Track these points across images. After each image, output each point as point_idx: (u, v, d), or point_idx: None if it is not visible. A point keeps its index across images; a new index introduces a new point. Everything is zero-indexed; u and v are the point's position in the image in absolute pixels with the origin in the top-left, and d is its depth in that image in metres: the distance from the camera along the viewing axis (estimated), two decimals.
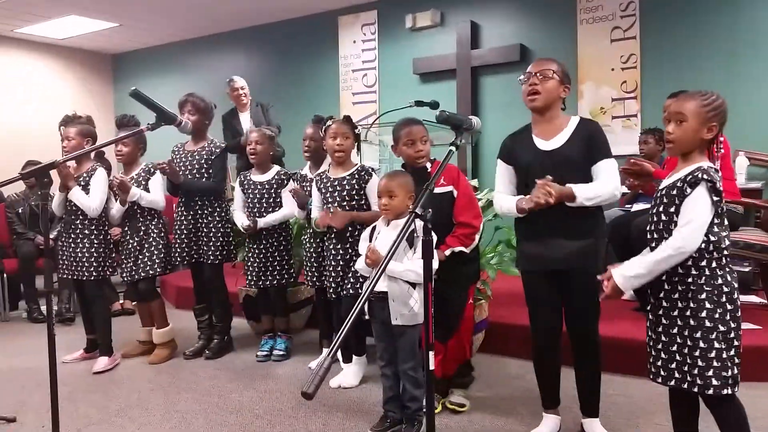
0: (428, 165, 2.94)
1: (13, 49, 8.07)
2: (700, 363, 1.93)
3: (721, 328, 1.92)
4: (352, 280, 3.17)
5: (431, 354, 1.77)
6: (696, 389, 1.95)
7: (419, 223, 1.82)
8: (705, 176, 1.91)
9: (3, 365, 3.98)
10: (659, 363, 2.04)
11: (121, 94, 9.07)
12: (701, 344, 1.93)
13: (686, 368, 1.97)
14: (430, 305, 1.72)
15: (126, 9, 6.86)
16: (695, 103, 1.98)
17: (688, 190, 1.93)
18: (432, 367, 1.77)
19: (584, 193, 2.37)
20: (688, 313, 1.96)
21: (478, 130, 2.14)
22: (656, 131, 4.48)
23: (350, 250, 3.22)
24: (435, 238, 2.59)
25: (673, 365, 2.00)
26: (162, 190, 3.94)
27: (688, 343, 1.96)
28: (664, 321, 2.03)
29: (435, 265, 2.49)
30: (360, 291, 3.05)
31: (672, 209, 1.97)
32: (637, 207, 4.12)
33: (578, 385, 2.63)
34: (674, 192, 1.97)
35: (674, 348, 2.00)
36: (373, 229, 2.79)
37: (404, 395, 2.71)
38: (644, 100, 5.34)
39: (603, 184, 2.41)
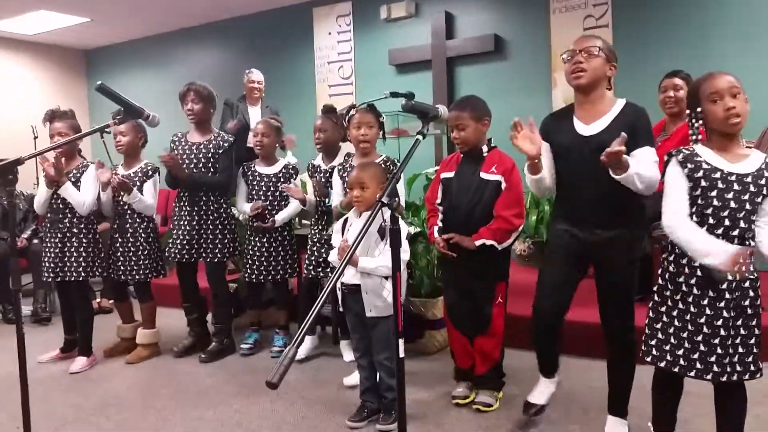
0: (485, 149, 2.85)
1: None
2: (754, 350, 1.97)
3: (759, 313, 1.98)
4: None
5: (401, 342, 1.77)
6: (747, 377, 1.97)
7: (387, 213, 1.81)
8: None
9: None
10: (712, 359, 1.96)
11: (94, 91, 8.92)
12: (756, 331, 1.97)
13: (736, 359, 1.96)
14: (399, 295, 1.72)
15: (97, 3, 6.76)
16: (732, 76, 1.96)
17: None
18: (402, 354, 1.77)
19: (636, 168, 2.18)
20: (747, 302, 1.97)
21: (445, 118, 2.14)
22: None
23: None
24: (404, 226, 2.60)
25: (736, 359, 1.97)
26: (155, 194, 3.81)
27: (741, 332, 1.96)
28: (725, 314, 1.96)
29: (404, 255, 2.50)
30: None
31: (759, 199, 1.92)
32: None
33: (609, 378, 2.54)
34: (763, 181, 1.93)
35: (736, 341, 1.96)
36: (346, 220, 2.79)
37: (381, 385, 2.73)
38: (617, 86, 5.35)
39: (649, 169, 2.24)
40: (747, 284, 1.95)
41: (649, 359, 2.11)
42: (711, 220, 1.96)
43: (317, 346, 3.90)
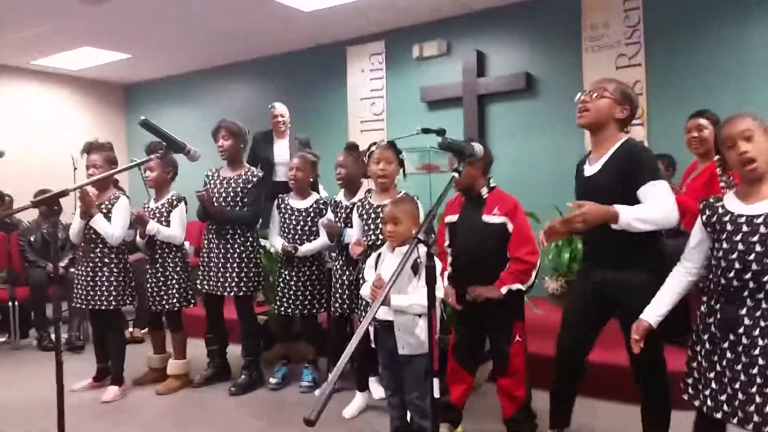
0: (484, 192, 2.86)
1: (28, 80, 8.23)
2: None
3: None
4: (364, 305, 3.16)
5: (436, 382, 1.76)
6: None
7: (423, 249, 1.82)
8: None
9: (12, 393, 3.98)
10: (736, 403, 1.91)
11: (132, 124, 9.21)
12: None
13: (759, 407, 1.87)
14: (434, 332, 1.72)
15: (137, 41, 7.00)
16: (749, 117, 1.93)
17: None
18: (437, 395, 1.76)
19: (632, 214, 2.17)
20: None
21: (478, 156, 2.15)
22: (666, 156, 4.48)
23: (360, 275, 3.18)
24: (439, 264, 2.59)
25: (752, 408, 1.88)
26: (182, 224, 3.88)
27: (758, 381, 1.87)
28: (743, 359, 1.90)
29: (439, 293, 2.49)
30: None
31: None
32: None
33: (643, 424, 2.48)
34: None
35: (754, 390, 1.88)
36: (379, 255, 2.79)
37: (412, 425, 2.69)
38: (651, 125, 5.36)
39: (652, 207, 2.21)
40: (760, 330, 1.86)
41: (686, 397, 2.09)
42: (722, 263, 1.94)
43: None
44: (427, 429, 2.61)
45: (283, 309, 3.85)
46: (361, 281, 3.09)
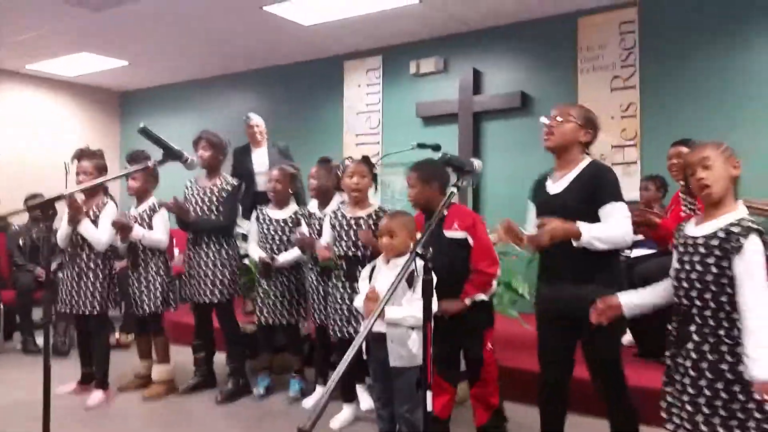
0: (445, 211, 2.92)
1: (23, 85, 8.20)
2: (739, 415, 1.90)
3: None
4: (357, 322, 3.17)
5: (429, 395, 1.75)
6: None
7: (419, 263, 1.83)
8: (754, 225, 1.90)
9: None
10: (684, 415, 2.00)
11: (127, 131, 9.19)
12: (740, 397, 1.89)
13: (717, 420, 1.92)
14: (429, 345, 1.72)
15: (135, 48, 7.00)
16: (712, 146, 2.03)
17: (741, 239, 1.88)
18: (429, 408, 1.75)
19: (591, 232, 2.30)
20: (723, 366, 1.92)
21: (479, 172, 2.17)
22: (657, 178, 4.52)
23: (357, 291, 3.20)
24: (435, 278, 2.59)
25: (701, 418, 1.95)
26: (165, 228, 3.92)
27: (722, 395, 1.92)
28: (691, 373, 1.98)
29: (435, 306, 2.49)
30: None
31: (711, 260, 1.93)
32: (637, 252, 4.13)
33: None
34: (715, 243, 1.94)
35: (702, 400, 1.95)
36: (373, 267, 2.80)
37: None
38: (644, 147, 5.41)
39: (611, 226, 2.35)
40: (740, 348, 1.90)
41: (664, 415, 2.12)
42: (675, 283, 2.07)
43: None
44: None
45: (263, 319, 3.86)
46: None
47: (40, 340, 5.07)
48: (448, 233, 2.84)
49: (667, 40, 5.32)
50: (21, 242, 5.50)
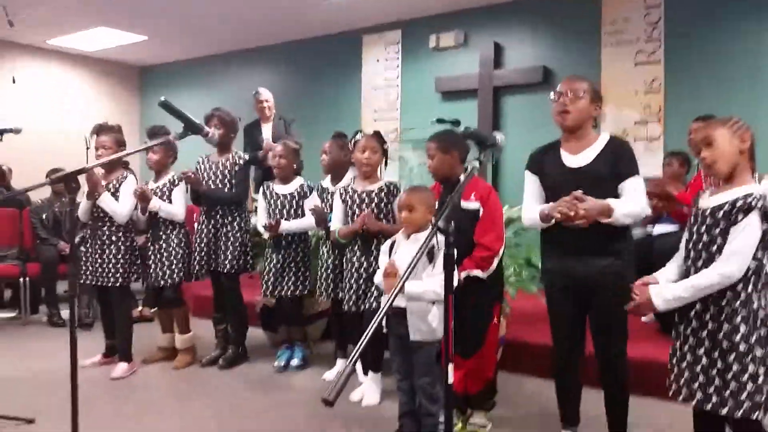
0: (462, 179, 2.85)
1: (45, 59, 8.28)
2: (732, 385, 1.92)
3: (758, 353, 1.92)
4: (375, 294, 3.18)
5: (450, 368, 1.76)
6: (725, 411, 1.93)
7: (441, 237, 1.82)
8: (759, 203, 1.93)
9: (22, 368, 4.03)
10: (681, 382, 2.06)
11: (148, 106, 9.23)
12: (734, 367, 1.92)
13: (712, 389, 1.96)
14: (450, 319, 1.72)
15: (153, 23, 7.00)
16: (717, 123, 2.07)
17: (740, 216, 1.94)
18: (451, 381, 1.76)
19: (622, 209, 2.33)
20: (720, 335, 1.96)
21: (502, 146, 2.14)
22: (680, 154, 4.45)
23: (374, 263, 3.21)
24: (456, 252, 2.59)
25: (696, 385, 2.01)
26: (183, 201, 3.99)
27: (718, 365, 1.95)
28: (691, 341, 2.04)
29: (456, 281, 2.49)
30: (381, 304, 3.05)
31: (717, 231, 1.99)
32: (659, 229, 4.09)
33: (606, 408, 2.58)
34: (720, 215, 1.99)
35: (698, 369, 2.01)
36: (394, 242, 2.80)
37: (420, 410, 2.70)
38: (667, 123, 5.32)
39: (634, 201, 2.38)
40: (738, 319, 1.94)
41: (670, 394, 2.15)
42: (683, 252, 2.14)
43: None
44: (435, 414, 2.63)
45: (269, 292, 3.92)
46: (333, 268, 3.29)
47: (65, 313, 5.17)
48: (464, 203, 2.81)
49: (693, 14, 5.20)
50: (44, 216, 5.58)
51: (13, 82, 7.17)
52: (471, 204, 2.81)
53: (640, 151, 5.28)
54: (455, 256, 1.90)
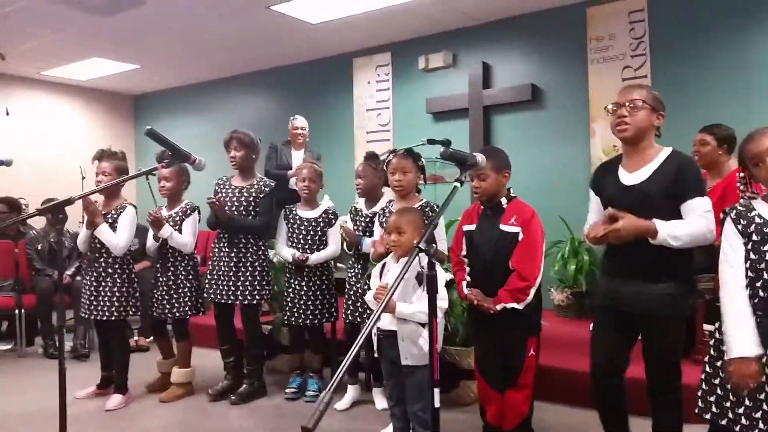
0: (504, 201, 2.82)
1: (39, 90, 8.33)
2: None
3: None
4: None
5: (437, 392, 1.75)
6: None
7: (424, 259, 1.82)
8: None
9: (17, 400, 3.99)
10: (757, 414, 1.91)
11: (141, 134, 9.21)
12: None
13: (758, 414, 1.88)
14: (435, 342, 1.72)
15: (146, 52, 7.07)
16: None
17: None
18: (437, 405, 1.75)
19: (668, 230, 2.17)
20: None
21: (482, 166, 2.15)
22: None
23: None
24: (442, 273, 2.59)
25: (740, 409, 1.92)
26: (193, 233, 3.88)
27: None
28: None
29: (441, 303, 2.48)
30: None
31: None
32: None
33: None
34: None
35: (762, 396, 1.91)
36: (383, 265, 2.80)
37: None
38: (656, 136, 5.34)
39: (692, 223, 2.20)
40: None
41: (708, 416, 2.04)
42: (765, 276, 1.91)
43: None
44: None
45: (293, 320, 3.84)
46: (366, 289, 3.12)
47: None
48: (505, 227, 2.74)
49: (677, 28, 5.25)
50: (39, 247, 5.57)
51: (7, 114, 7.20)
52: (511, 228, 2.73)
53: None
54: (443, 277, 1.90)
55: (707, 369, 2.07)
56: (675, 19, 5.25)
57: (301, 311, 3.82)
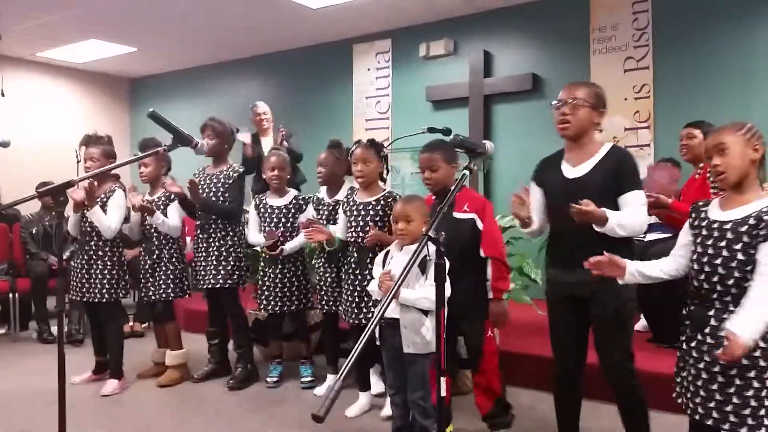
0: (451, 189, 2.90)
1: (34, 72, 8.23)
2: (752, 403, 1.86)
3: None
4: (370, 308, 3.15)
5: (443, 381, 1.74)
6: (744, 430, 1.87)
7: (432, 247, 1.80)
8: None
9: (12, 385, 3.97)
10: (697, 400, 1.98)
11: (137, 117, 9.20)
12: (755, 384, 1.87)
13: (729, 408, 1.90)
14: (442, 331, 1.70)
15: (144, 34, 6.99)
16: (730, 129, 1.98)
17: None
18: (443, 394, 1.74)
19: (617, 219, 2.28)
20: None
21: (491, 154, 2.13)
22: (670, 160, 4.46)
23: (369, 277, 3.15)
24: (448, 262, 2.57)
25: (712, 404, 1.94)
26: (180, 216, 3.93)
27: (736, 382, 1.89)
28: (706, 358, 1.95)
29: (447, 291, 2.47)
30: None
31: (738, 246, 1.90)
32: (651, 237, 4.08)
33: (624, 425, 2.49)
34: (744, 229, 1.90)
35: (715, 386, 1.94)
36: (387, 253, 2.77)
37: (414, 425, 2.67)
38: (657, 129, 5.34)
39: (632, 214, 2.33)
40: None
41: (675, 396, 2.12)
42: (696, 267, 2.02)
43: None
44: (429, 429, 2.60)
45: (270, 308, 3.85)
46: (332, 279, 3.25)
47: (55, 329, 5.11)
48: (458, 214, 2.81)
49: (681, 19, 5.22)
50: (34, 231, 5.53)
51: (2, 95, 7.11)
52: (465, 215, 2.80)
53: None
54: (447, 266, 1.88)
55: (677, 354, 2.13)
56: (679, 9, 5.23)
57: (277, 298, 3.82)
